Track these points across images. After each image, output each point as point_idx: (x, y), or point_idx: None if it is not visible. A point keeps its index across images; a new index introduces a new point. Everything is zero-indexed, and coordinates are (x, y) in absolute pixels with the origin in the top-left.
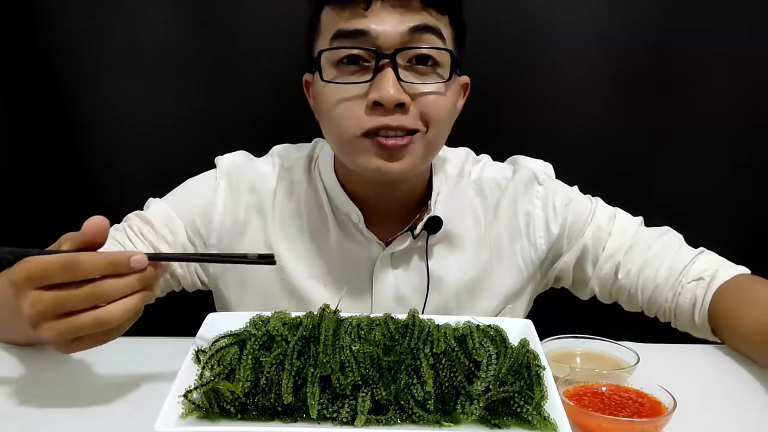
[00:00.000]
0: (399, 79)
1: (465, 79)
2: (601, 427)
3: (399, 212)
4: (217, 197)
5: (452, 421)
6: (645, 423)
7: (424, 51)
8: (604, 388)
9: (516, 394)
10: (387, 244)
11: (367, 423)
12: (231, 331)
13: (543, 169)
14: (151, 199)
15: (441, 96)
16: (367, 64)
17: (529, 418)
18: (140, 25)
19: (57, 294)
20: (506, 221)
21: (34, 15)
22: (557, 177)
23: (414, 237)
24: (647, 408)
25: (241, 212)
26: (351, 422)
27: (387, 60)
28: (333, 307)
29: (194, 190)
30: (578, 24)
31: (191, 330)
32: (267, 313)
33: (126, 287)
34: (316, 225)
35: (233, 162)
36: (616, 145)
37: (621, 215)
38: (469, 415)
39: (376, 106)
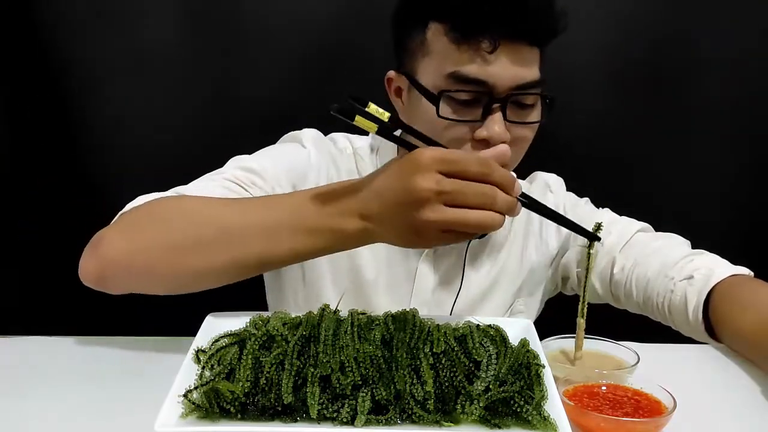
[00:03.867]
0: (505, 118)
1: None
2: (600, 426)
3: None
4: (311, 160)
5: (452, 421)
6: (645, 423)
7: (529, 100)
8: (603, 388)
9: (516, 394)
10: None
11: (367, 423)
12: (231, 330)
13: (556, 181)
14: (238, 157)
15: (532, 132)
16: (477, 102)
17: (529, 418)
18: (141, 26)
19: (457, 182)
20: (522, 220)
21: (33, 15)
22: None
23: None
24: (647, 408)
25: (324, 180)
26: (351, 422)
27: (498, 104)
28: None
29: (287, 151)
30: (577, 26)
31: (191, 330)
32: (267, 313)
33: (508, 204)
34: None
35: (317, 133)
36: (615, 148)
37: (625, 219)
38: (469, 415)
39: (481, 141)
